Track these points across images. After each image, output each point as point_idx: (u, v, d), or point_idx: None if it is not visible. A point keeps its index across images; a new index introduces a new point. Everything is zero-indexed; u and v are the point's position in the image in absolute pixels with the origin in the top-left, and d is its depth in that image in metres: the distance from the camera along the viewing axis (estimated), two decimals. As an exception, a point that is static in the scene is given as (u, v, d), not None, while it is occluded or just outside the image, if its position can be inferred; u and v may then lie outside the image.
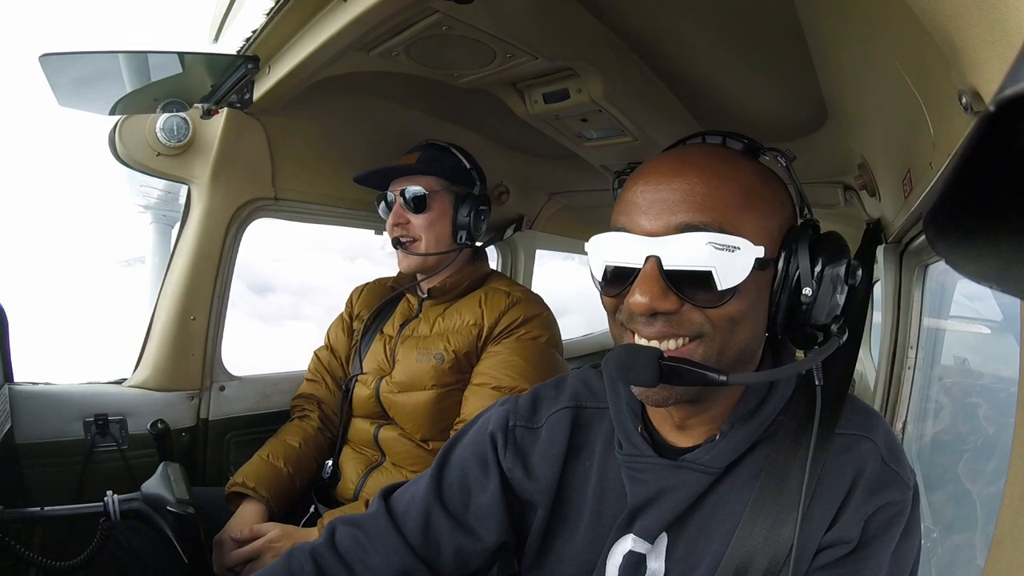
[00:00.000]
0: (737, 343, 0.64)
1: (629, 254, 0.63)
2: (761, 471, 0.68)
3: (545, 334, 1.40)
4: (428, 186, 1.40)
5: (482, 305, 1.40)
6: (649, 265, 0.61)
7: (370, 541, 0.78)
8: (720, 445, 0.68)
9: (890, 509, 0.64)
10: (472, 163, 1.48)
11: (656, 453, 0.71)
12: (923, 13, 0.47)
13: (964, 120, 0.53)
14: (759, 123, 1.38)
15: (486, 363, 1.35)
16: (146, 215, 7.95)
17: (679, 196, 0.62)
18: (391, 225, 1.42)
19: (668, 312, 0.62)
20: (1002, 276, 0.27)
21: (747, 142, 0.70)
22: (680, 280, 0.61)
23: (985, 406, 1.92)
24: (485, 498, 0.79)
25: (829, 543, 0.64)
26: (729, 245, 0.60)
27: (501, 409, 0.84)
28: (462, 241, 1.43)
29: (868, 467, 0.65)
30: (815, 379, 0.65)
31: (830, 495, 0.65)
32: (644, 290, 0.61)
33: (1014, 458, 0.53)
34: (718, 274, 0.60)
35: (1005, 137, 0.21)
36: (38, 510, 0.98)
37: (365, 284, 1.66)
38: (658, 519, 0.70)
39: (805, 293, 0.63)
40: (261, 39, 1.14)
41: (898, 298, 1.47)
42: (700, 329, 0.63)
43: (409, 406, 1.37)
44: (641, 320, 0.63)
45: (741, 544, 0.65)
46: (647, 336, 0.64)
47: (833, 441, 0.67)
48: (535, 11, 1.03)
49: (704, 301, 0.62)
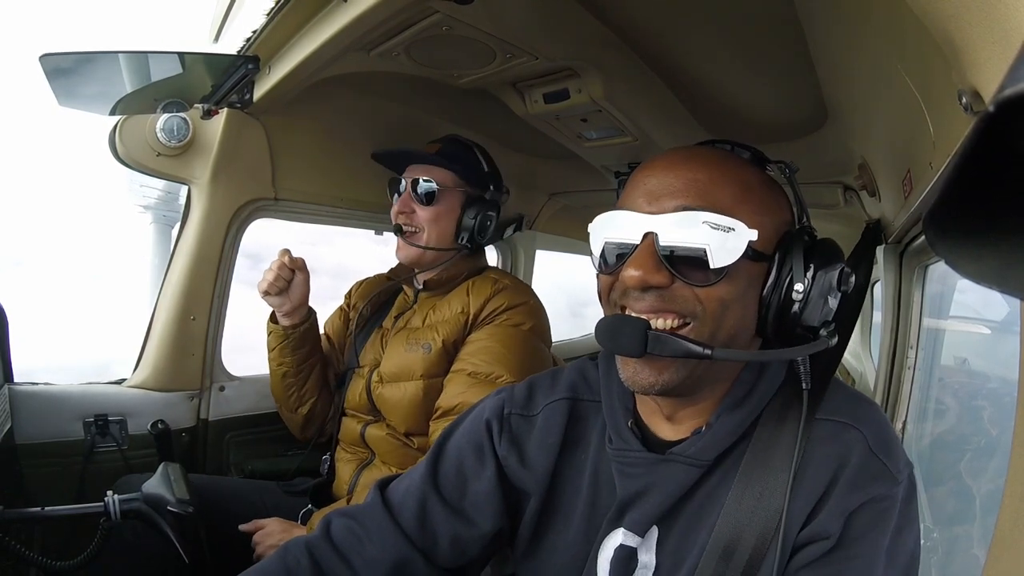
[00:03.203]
0: (727, 328, 0.65)
1: (628, 231, 0.65)
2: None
3: (528, 322, 1.36)
4: (441, 180, 1.38)
5: (469, 293, 1.39)
6: (646, 241, 0.64)
7: (366, 532, 0.78)
8: (706, 437, 0.68)
9: (876, 505, 0.62)
10: (492, 167, 1.47)
11: (645, 447, 0.71)
12: (923, 13, 0.47)
13: (964, 120, 0.53)
14: (759, 123, 1.38)
15: (465, 350, 1.34)
16: (146, 215, 7.96)
17: (682, 183, 0.65)
18: (396, 212, 1.41)
19: (659, 287, 0.63)
20: (1002, 276, 0.27)
21: (754, 152, 0.72)
22: (675, 258, 0.63)
23: (989, 408, 1.92)
24: (481, 485, 0.79)
25: (807, 539, 0.63)
26: (724, 225, 0.62)
27: (497, 398, 0.84)
28: (463, 243, 1.41)
29: (852, 458, 0.63)
30: (803, 382, 0.65)
31: (809, 487, 0.63)
32: (638, 264, 0.63)
33: (1014, 458, 0.53)
34: (711, 252, 0.62)
35: (1005, 137, 0.21)
36: (38, 510, 0.98)
37: (365, 278, 1.67)
38: (647, 513, 0.70)
39: (796, 290, 0.64)
40: (261, 39, 1.14)
41: (898, 298, 1.47)
42: (691, 308, 0.64)
43: (396, 397, 1.36)
44: (633, 295, 0.65)
45: (729, 519, 0.65)
46: (638, 311, 0.65)
47: (817, 427, 0.66)
48: (535, 11, 1.03)
49: (696, 279, 0.63)
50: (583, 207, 2.35)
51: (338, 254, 3.84)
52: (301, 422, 1.52)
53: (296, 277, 1.41)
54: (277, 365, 1.47)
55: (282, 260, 1.39)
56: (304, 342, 1.46)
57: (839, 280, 0.66)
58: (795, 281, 0.64)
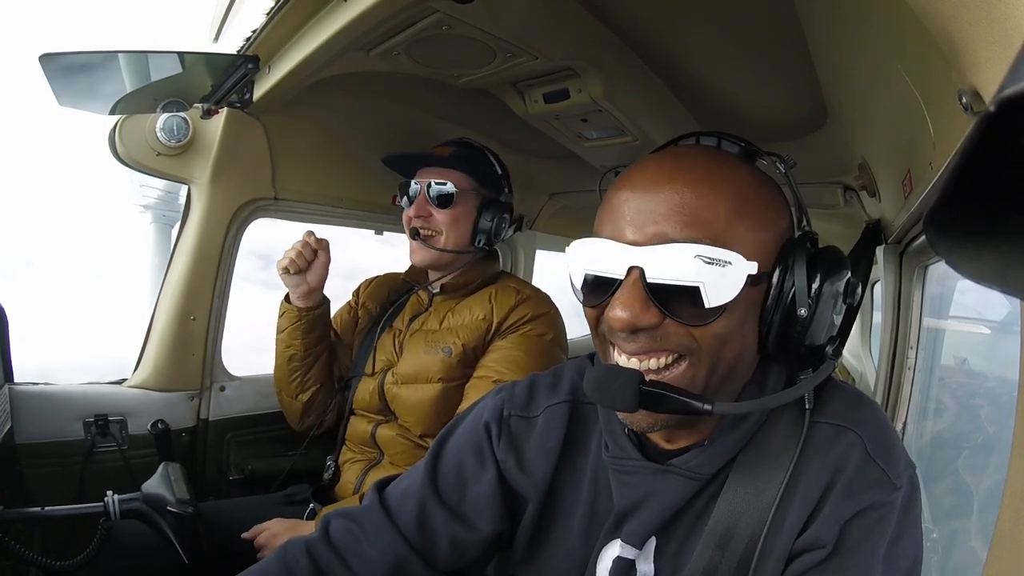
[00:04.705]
0: (726, 361, 0.61)
1: (611, 264, 0.59)
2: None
3: (550, 332, 1.40)
4: (458, 183, 1.38)
5: (492, 301, 1.40)
6: (631, 277, 0.58)
7: (364, 533, 0.77)
8: (708, 451, 0.66)
9: (873, 512, 0.59)
10: (504, 170, 1.48)
11: (643, 456, 0.69)
12: (923, 13, 0.47)
13: (964, 120, 0.53)
14: (759, 123, 1.38)
15: (490, 357, 1.36)
16: (146, 215, 7.95)
17: (666, 208, 0.58)
18: (411, 216, 1.40)
19: (649, 327, 0.58)
20: (1002, 276, 0.27)
21: (743, 145, 0.67)
22: (664, 294, 0.57)
23: (987, 406, 1.92)
24: (481, 488, 0.78)
25: (802, 547, 0.61)
26: (719, 259, 0.56)
27: (496, 398, 0.82)
28: (480, 245, 1.41)
29: (849, 464, 0.60)
30: (805, 402, 0.62)
31: (805, 493, 0.61)
32: (625, 304, 0.57)
33: (1014, 458, 0.53)
34: (706, 291, 0.56)
35: (1005, 137, 0.21)
36: (38, 510, 0.98)
37: (374, 277, 1.66)
38: (645, 524, 0.68)
39: (800, 313, 0.59)
40: (261, 39, 1.14)
41: (898, 298, 1.47)
42: (685, 346, 0.59)
43: (413, 399, 1.36)
44: (621, 336, 0.60)
45: (725, 508, 0.64)
46: (628, 352, 0.61)
47: (812, 431, 0.63)
48: (535, 11, 1.03)
49: (689, 318, 0.58)
50: (583, 207, 2.35)
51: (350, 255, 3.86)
52: (300, 410, 1.51)
53: (318, 259, 1.41)
54: (285, 347, 1.46)
55: (306, 239, 1.39)
56: (315, 327, 1.45)
57: (845, 293, 0.62)
58: (799, 298, 0.59)
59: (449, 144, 1.45)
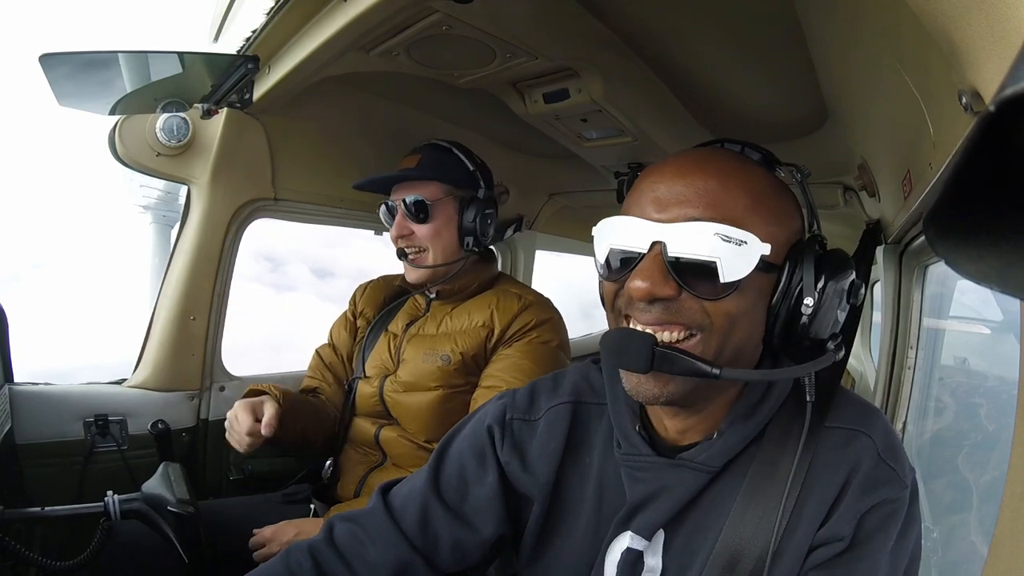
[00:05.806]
0: (734, 342, 0.64)
1: (635, 239, 0.63)
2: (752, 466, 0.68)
3: (555, 338, 1.39)
4: (431, 194, 1.35)
5: (493, 307, 1.39)
6: (653, 251, 0.62)
7: (368, 536, 0.78)
8: (717, 444, 0.68)
9: (885, 507, 0.63)
10: (476, 163, 1.44)
11: (654, 451, 0.71)
12: (923, 13, 0.47)
13: (964, 120, 0.53)
14: (759, 123, 1.38)
15: (496, 366, 1.34)
16: (146, 215, 7.95)
17: (693, 192, 0.63)
18: (395, 236, 1.38)
19: (666, 299, 0.62)
20: (1002, 276, 0.27)
21: (765, 153, 0.71)
22: (683, 269, 0.61)
23: (986, 405, 1.93)
24: (483, 490, 0.79)
25: (821, 541, 0.64)
26: (736, 238, 0.60)
27: (499, 403, 0.84)
28: (469, 247, 1.39)
29: (863, 464, 0.64)
30: (807, 395, 0.65)
31: (823, 492, 0.64)
32: (645, 275, 0.61)
33: (1014, 458, 0.53)
34: (722, 266, 0.60)
35: (1005, 137, 0.21)
36: (38, 510, 0.98)
37: (369, 281, 1.64)
38: (656, 516, 0.70)
39: (806, 304, 0.63)
40: (261, 39, 1.14)
41: (898, 298, 1.47)
42: (698, 322, 0.63)
43: (413, 407, 1.36)
44: (639, 306, 0.63)
45: (732, 534, 0.66)
46: (644, 323, 0.64)
47: (827, 435, 0.66)
48: (535, 11, 1.03)
49: (704, 292, 0.62)
50: (583, 207, 2.35)
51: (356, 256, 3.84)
52: (320, 450, 1.48)
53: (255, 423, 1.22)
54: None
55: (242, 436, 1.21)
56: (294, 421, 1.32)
57: (849, 293, 0.66)
58: (805, 294, 0.63)
59: (417, 151, 1.42)
